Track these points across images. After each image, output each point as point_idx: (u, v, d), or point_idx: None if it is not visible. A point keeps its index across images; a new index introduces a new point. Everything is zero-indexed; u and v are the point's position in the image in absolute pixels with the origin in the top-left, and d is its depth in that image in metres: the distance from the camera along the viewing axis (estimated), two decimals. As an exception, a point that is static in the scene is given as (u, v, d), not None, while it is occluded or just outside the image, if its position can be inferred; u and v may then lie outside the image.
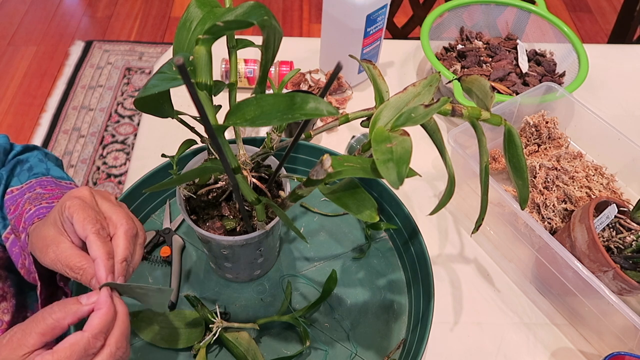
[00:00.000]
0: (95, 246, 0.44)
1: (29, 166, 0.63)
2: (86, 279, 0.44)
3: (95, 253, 0.44)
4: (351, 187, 0.43)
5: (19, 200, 0.58)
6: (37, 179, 0.61)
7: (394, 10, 1.36)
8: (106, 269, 0.43)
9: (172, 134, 0.76)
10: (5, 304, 0.61)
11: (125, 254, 0.45)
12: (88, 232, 0.44)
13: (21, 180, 0.61)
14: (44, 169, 0.64)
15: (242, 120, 0.36)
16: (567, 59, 0.93)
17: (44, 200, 0.57)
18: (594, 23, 2.40)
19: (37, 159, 0.65)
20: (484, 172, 0.51)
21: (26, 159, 0.65)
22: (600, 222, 0.63)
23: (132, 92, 2.03)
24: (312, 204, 0.74)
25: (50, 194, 0.59)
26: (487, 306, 0.69)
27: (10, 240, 0.60)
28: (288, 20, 2.35)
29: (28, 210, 0.55)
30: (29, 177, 0.62)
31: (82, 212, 0.44)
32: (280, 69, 0.92)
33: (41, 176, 0.62)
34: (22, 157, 0.65)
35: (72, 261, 0.44)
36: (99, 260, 0.43)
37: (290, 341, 0.62)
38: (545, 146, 0.81)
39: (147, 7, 2.39)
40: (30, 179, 0.61)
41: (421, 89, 0.46)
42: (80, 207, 0.45)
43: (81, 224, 0.44)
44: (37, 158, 0.65)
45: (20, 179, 0.62)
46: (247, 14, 0.41)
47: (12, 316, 0.61)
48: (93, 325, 0.41)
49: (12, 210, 0.58)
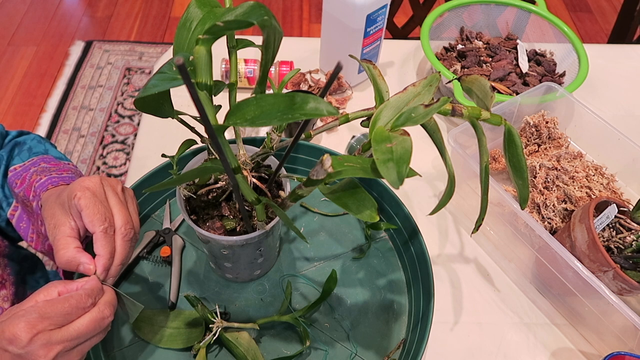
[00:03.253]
0: (100, 244, 0.47)
1: (28, 147, 0.66)
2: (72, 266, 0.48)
3: (99, 250, 0.47)
4: (351, 187, 0.43)
5: (24, 174, 0.60)
6: (38, 157, 0.64)
7: (394, 10, 1.36)
8: (104, 267, 0.47)
9: (172, 134, 0.76)
10: (5, 291, 0.61)
11: (122, 257, 0.49)
12: (96, 229, 0.47)
13: (22, 158, 0.64)
14: (43, 149, 0.66)
15: (242, 120, 0.36)
16: (567, 59, 0.93)
17: (53, 172, 0.60)
18: (594, 23, 2.40)
19: (35, 141, 0.67)
20: (484, 172, 0.51)
21: (24, 141, 0.67)
22: (600, 222, 0.63)
23: (132, 92, 2.03)
24: (312, 204, 0.74)
25: (57, 168, 0.61)
26: (487, 306, 0.69)
27: (16, 217, 0.63)
28: (288, 20, 2.35)
29: (38, 179, 0.58)
30: (30, 156, 0.64)
31: (93, 207, 0.47)
32: (280, 69, 0.92)
33: (42, 154, 0.65)
34: (19, 139, 0.67)
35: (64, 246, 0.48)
36: (101, 258, 0.47)
37: (290, 341, 0.62)
38: (545, 146, 0.81)
39: (147, 7, 2.39)
40: (32, 157, 0.64)
41: (421, 89, 0.46)
42: (91, 200, 0.48)
43: (90, 219, 0.47)
44: (35, 140, 0.67)
45: (22, 157, 0.64)
46: (247, 14, 0.41)
47: (12, 304, 0.62)
48: (85, 286, 0.46)
49: (19, 184, 0.60)
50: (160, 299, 0.64)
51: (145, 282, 0.65)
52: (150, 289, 0.65)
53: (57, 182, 0.57)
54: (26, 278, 0.68)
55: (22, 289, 0.66)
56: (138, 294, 0.64)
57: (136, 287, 0.65)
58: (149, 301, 0.64)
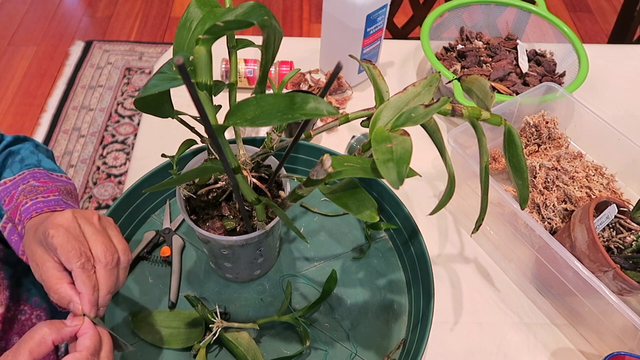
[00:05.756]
0: (80, 281, 0.45)
1: (20, 158, 0.64)
2: (64, 303, 0.46)
3: (80, 287, 0.46)
4: (351, 187, 0.43)
5: (12, 192, 0.59)
6: (29, 170, 0.62)
7: (394, 10, 1.36)
8: (90, 303, 0.45)
9: (172, 134, 0.76)
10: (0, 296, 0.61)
11: (109, 287, 0.48)
12: (73, 266, 0.45)
13: (13, 171, 0.62)
14: (36, 160, 0.65)
15: (242, 120, 0.36)
16: (567, 59, 0.93)
17: (39, 194, 0.58)
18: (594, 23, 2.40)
19: (28, 151, 0.66)
20: (484, 172, 0.51)
21: (17, 150, 0.66)
22: (600, 222, 0.63)
23: (132, 92, 2.03)
24: (312, 204, 0.74)
25: (45, 187, 0.60)
26: (487, 306, 0.69)
27: (7, 229, 0.61)
28: (288, 20, 2.35)
29: (24, 203, 0.56)
30: (21, 169, 0.63)
31: (67, 244, 0.46)
32: (280, 69, 0.92)
33: (33, 167, 0.63)
34: (13, 148, 0.66)
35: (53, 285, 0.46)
36: (85, 295, 0.46)
37: (290, 341, 0.62)
38: (545, 146, 0.81)
39: (147, 7, 2.39)
40: (22, 170, 0.62)
41: (421, 89, 0.46)
42: (64, 237, 0.46)
43: (66, 256, 0.45)
44: (28, 150, 0.66)
45: (13, 170, 0.63)
46: (247, 14, 0.41)
47: (6, 308, 0.62)
48: (87, 345, 0.44)
49: (7, 202, 0.59)
50: (160, 299, 0.64)
51: (145, 282, 0.65)
52: (150, 289, 0.65)
53: (41, 208, 0.56)
54: (22, 280, 0.67)
55: (16, 292, 0.65)
56: (138, 294, 0.64)
57: (136, 287, 0.65)
58: (149, 301, 0.64)
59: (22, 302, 0.66)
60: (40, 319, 0.66)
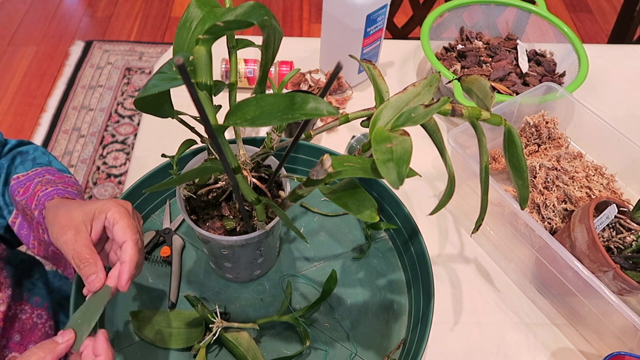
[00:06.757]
0: (130, 252, 0.49)
1: (32, 157, 0.67)
2: (86, 273, 0.48)
3: (126, 258, 0.49)
4: (351, 187, 0.43)
5: (28, 184, 0.61)
6: (42, 168, 0.65)
7: (394, 10, 1.36)
8: (130, 274, 0.49)
9: (172, 134, 0.76)
10: (1, 294, 0.62)
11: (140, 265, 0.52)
12: (128, 238, 0.50)
13: (26, 168, 0.65)
14: (47, 160, 0.67)
15: (242, 120, 0.36)
16: (567, 59, 0.93)
17: (59, 184, 0.61)
18: (594, 23, 2.40)
19: (39, 152, 0.68)
20: (484, 172, 0.51)
21: (27, 150, 0.68)
22: (600, 222, 0.63)
23: (132, 92, 2.03)
24: (312, 204, 0.74)
25: (62, 181, 0.63)
26: (487, 306, 0.69)
27: (17, 224, 0.63)
28: (288, 20, 2.35)
29: (44, 189, 0.59)
30: (34, 166, 0.65)
31: (128, 220, 0.51)
32: (280, 69, 0.92)
33: (45, 166, 0.66)
34: (22, 149, 0.68)
35: (84, 252, 0.49)
36: (127, 265, 0.49)
37: (290, 341, 0.62)
38: (545, 146, 0.81)
39: (147, 7, 2.39)
40: (35, 167, 0.65)
41: (421, 89, 0.46)
42: (126, 215, 0.51)
43: (124, 230, 0.50)
44: (39, 151, 0.69)
45: (25, 167, 0.65)
46: (247, 14, 0.41)
47: (8, 307, 0.62)
48: None
49: (22, 193, 0.61)
50: (160, 299, 0.64)
51: (145, 282, 0.65)
52: (150, 289, 0.65)
53: (63, 193, 0.59)
54: (22, 281, 0.68)
55: (18, 291, 0.66)
56: (138, 294, 0.64)
57: (136, 287, 0.65)
58: (149, 301, 0.64)
59: (23, 301, 0.66)
60: (40, 318, 0.67)
